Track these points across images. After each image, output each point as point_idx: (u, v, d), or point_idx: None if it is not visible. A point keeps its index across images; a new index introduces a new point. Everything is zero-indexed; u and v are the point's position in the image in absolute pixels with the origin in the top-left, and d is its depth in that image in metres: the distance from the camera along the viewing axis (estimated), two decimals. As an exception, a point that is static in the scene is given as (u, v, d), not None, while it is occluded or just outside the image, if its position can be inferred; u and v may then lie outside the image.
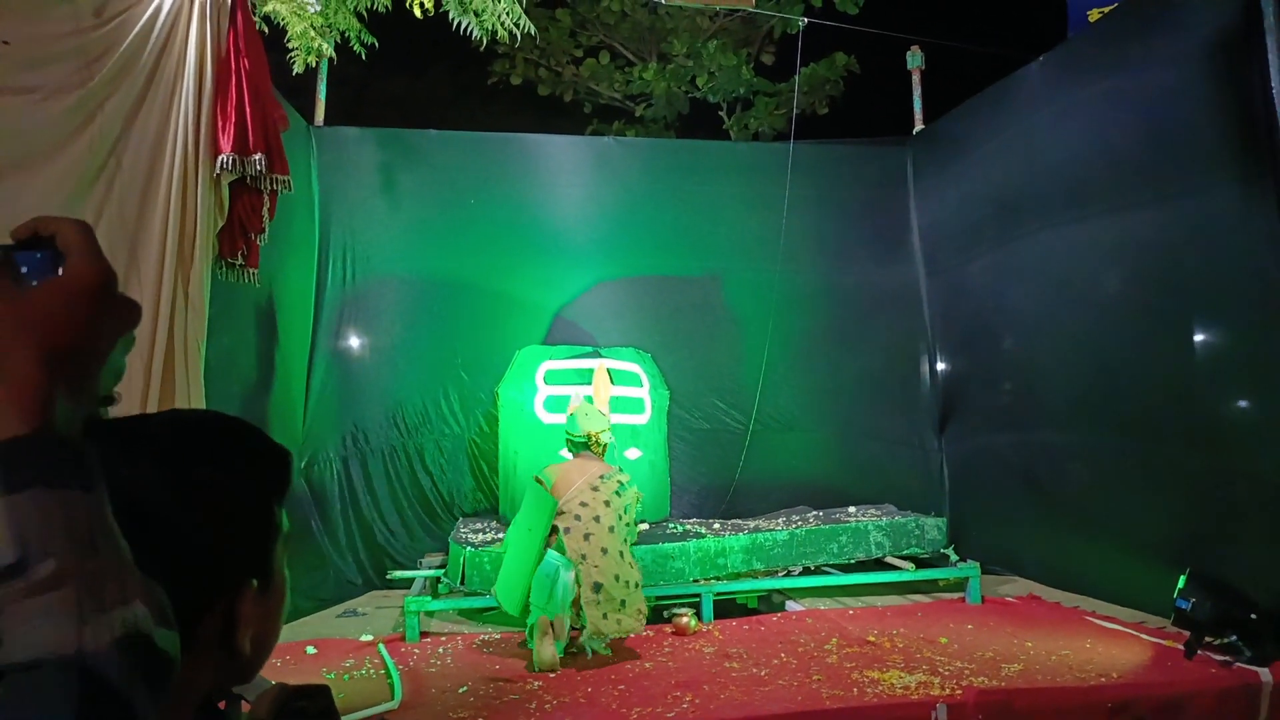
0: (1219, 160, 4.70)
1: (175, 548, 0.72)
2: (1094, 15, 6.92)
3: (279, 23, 5.39)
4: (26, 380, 0.59)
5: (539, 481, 4.63)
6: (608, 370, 6.50)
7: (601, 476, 4.64)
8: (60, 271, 0.64)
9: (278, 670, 4.35)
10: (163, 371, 3.49)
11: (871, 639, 4.71)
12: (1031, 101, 6.20)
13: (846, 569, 5.79)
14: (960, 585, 5.70)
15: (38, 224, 0.65)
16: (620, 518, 4.57)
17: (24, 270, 0.63)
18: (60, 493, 0.58)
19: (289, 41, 5.52)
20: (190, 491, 0.74)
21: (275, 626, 0.83)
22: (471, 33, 5.39)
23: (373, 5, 5.70)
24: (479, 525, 6.01)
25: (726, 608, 5.53)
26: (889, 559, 5.90)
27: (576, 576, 4.38)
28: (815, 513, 6.41)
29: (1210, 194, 4.72)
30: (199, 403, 3.64)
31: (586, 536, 4.45)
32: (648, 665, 4.41)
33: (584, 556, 4.41)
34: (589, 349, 6.73)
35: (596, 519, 4.49)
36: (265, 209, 3.91)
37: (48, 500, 0.57)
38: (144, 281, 3.52)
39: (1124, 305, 5.41)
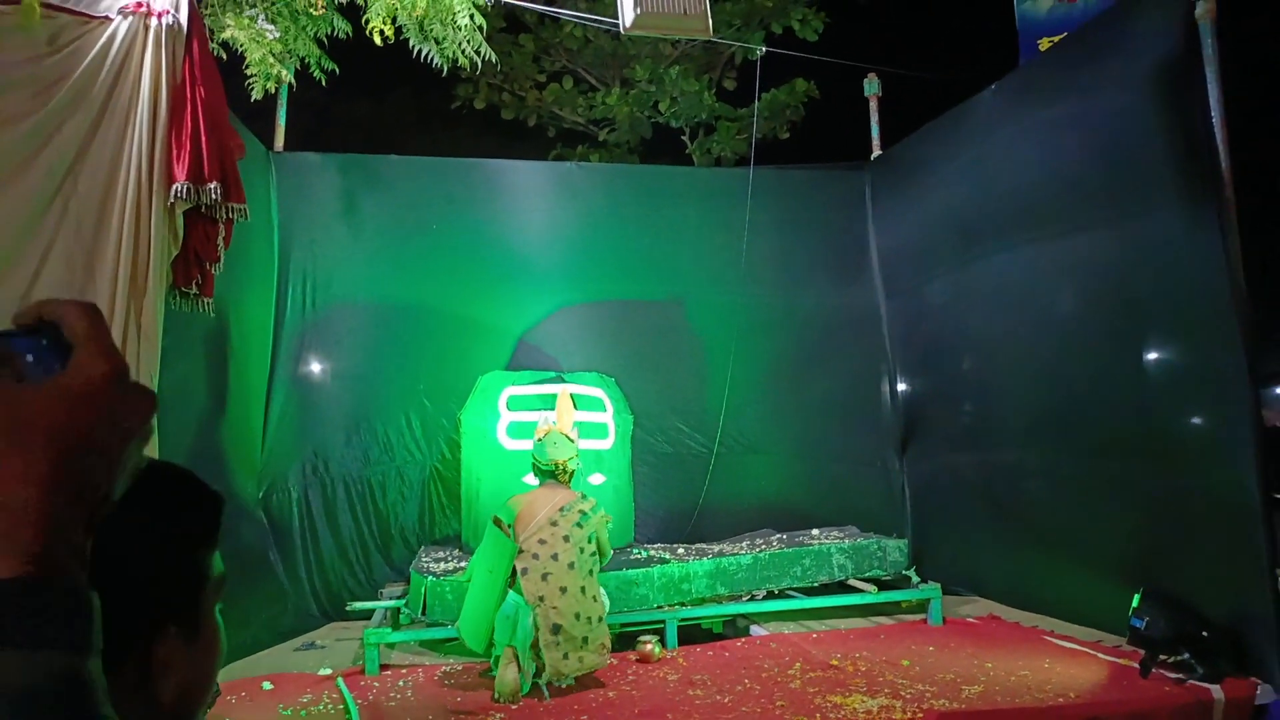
0: (1166, 183, 4.84)
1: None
2: (1044, 44, 7.12)
3: (237, 49, 5.37)
4: (24, 505, 0.51)
5: (498, 523, 4.56)
6: (571, 395, 6.49)
7: (562, 509, 4.58)
8: (66, 366, 0.57)
9: (232, 707, 4.25)
10: (114, 403, 3.41)
11: (835, 663, 4.73)
12: (985, 127, 6.34)
13: (810, 592, 5.81)
14: (922, 606, 5.75)
15: (42, 308, 0.58)
16: (582, 550, 4.53)
17: (29, 359, 0.57)
18: (42, 655, 0.49)
19: (248, 68, 5.50)
20: (107, 538, 0.65)
21: (205, 675, 0.80)
22: (433, 60, 5.40)
23: (333, 31, 5.71)
24: (441, 554, 5.95)
25: (691, 633, 5.52)
26: (852, 581, 5.93)
27: (534, 620, 4.33)
28: (779, 535, 6.43)
29: (1159, 215, 4.85)
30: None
31: (544, 576, 4.40)
32: (611, 694, 4.39)
33: (541, 599, 4.35)
34: (552, 374, 6.72)
35: (554, 557, 4.43)
36: (221, 238, 3.86)
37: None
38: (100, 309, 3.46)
39: (1079, 325, 5.53)
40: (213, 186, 3.66)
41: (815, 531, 6.41)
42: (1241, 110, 4.56)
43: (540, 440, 4.93)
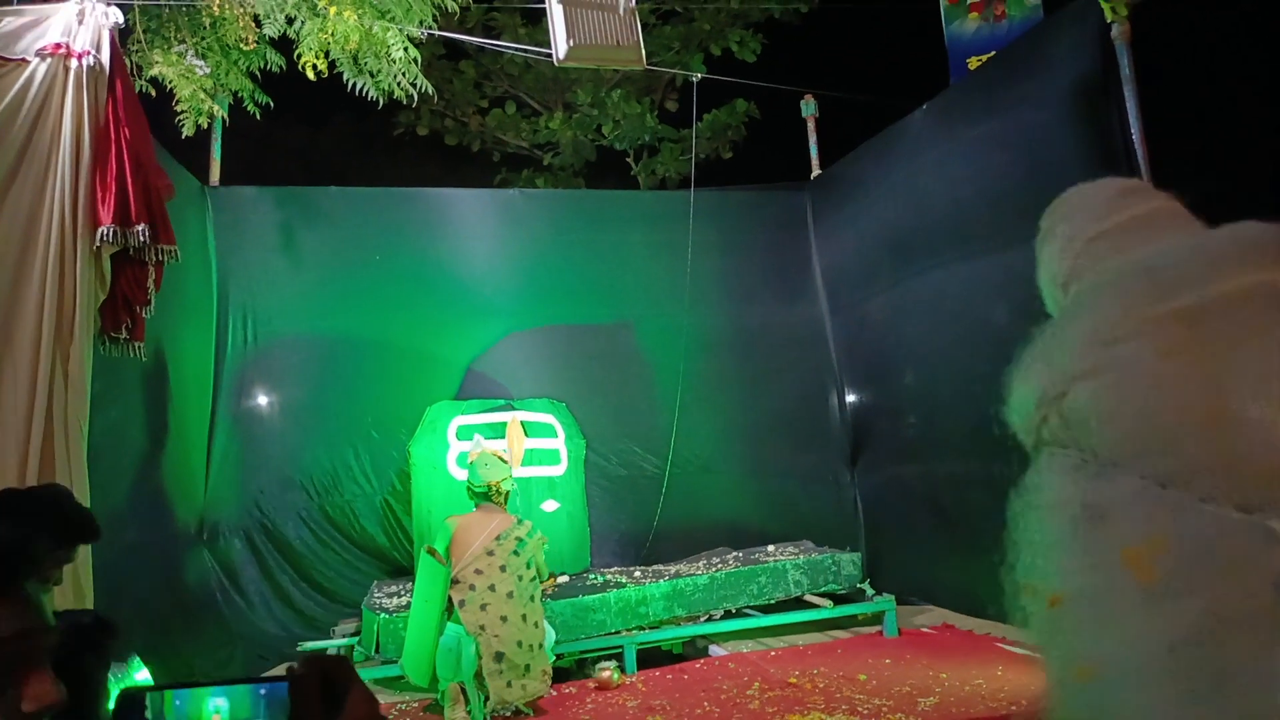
0: (1090, 198, 4.97)
1: None
2: (973, 63, 7.31)
3: (167, 85, 5.28)
4: None
5: (431, 552, 4.50)
6: (521, 422, 6.45)
7: (498, 537, 4.52)
8: (343, 707, 0.85)
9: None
10: (40, 454, 3.32)
11: (793, 680, 4.74)
12: (917, 146, 6.49)
13: (767, 609, 5.83)
14: (878, 618, 5.80)
15: (318, 663, 0.87)
16: (520, 578, 4.48)
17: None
18: None
19: (177, 104, 5.40)
20: None
21: None
22: (368, 93, 5.37)
23: (265, 65, 5.64)
24: (394, 589, 5.85)
25: (651, 654, 5.50)
26: (808, 597, 5.96)
27: (476, 649, 4.28)
28: (735, 553, 6.44)
29: (1085, 230, 4.99)
30: (81, 484, 3.47)
31: (483, 607, 4.34)
32: (569, 725, 4.35)
33: (483, 628, 4.30)
34: (502, 402, 6.68)
35: (492, 588, 4.38)
36: (151, 280, 3.78)
37: None
38: (18, 363, 3.36)
39: (1012, 336, 5.57)
40: (140, 229, 3.59)
41: (770, 548, 6.43)
42: (1160, 127, 4.72)
43: (472, 463, 4.87)
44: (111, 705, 0.91)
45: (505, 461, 4.88)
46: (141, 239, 3.58)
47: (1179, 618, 0.41)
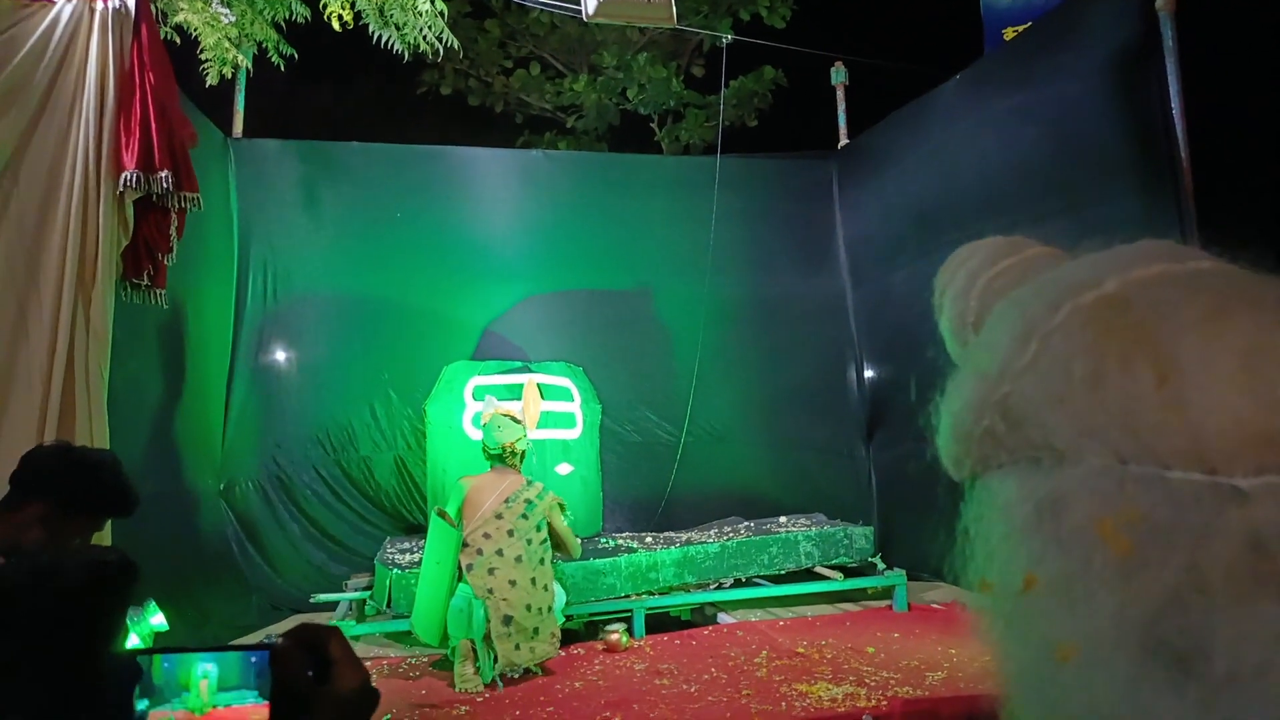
0: (1123, 171, 4.89)
1: None
2: (1009, 33, 7.15)
3: (191, 33, 5.24)
4: None
5: (442, 514, 4.52)
6: (538, 385, 6.45)
7: (507, 500, 4.53)
8: (331, 677, 0.84)
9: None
10: (61, 401, 3.34)
11: (801, 650, 4.75)
12: (949, 117, 6.37)
13: (777, 579, 5.83)
14: (888, 593, 5.79)
15: (304, 633, 0.87)
16: (529, 541, 4.49)
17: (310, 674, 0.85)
18: None
19: (202, 53, 5.37)
20: None
21: None
22: (394, 46, 5.31)
23: (291, 16, 5.58)
24: (406, 545, 5.90)
25: (659, 621, 5.52)
26: (818, 568, 5.96)
27: (485, 612, 4.31)
28: (746, 523, 6.45)
29: (1117, 203, 4.90)
30: (101, 431, 3.49)
31: (491, 571, 4.37)
32: (578, 685, 4.37)
33: (490, 591, 4.33)
34: (519, 364, 6.68)
35: (499, 552, 4.40)
36: (173, 228, 3.77)
37: None
38: (43, 307, 3.37)
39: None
40: (163, 175, 3.58)
41: (783, 519, 6.43)
42: (1200, 100, 4.60)
43: (485, 425, 4.87)
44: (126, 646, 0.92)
45: (519, 422, 4.88)
46: (164, 185, 3.57)
47: (1157, 585, 0.41)
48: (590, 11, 4.33)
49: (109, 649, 1.29)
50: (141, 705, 0.90)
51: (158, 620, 4.32)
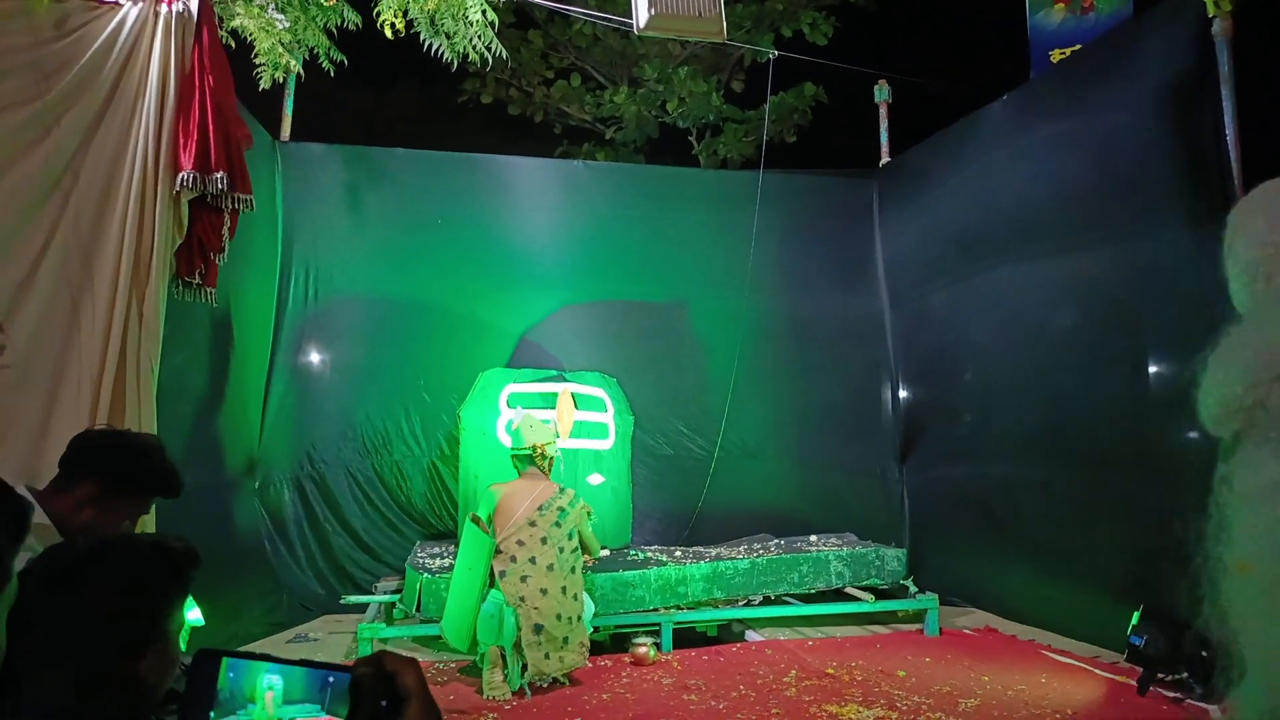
0: (1169, 203, 4.81)
1: None
2: (1056, 56, 7.09)
3: (247, 38, 5.33)
4: None
5: (475, 520, 4.53)
6: (572, 394, 6.47)
7: (540, 508, 4.53)
8: (402, 713, 0.85)
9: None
10: (113, 392, 3.40)
11: (830, 671, 4.71)
12: (992, 140, 6.32)
13: (806, 599, 5.79)
14: (919, 617, 5.73)
15: (384, 660, 0.85)
16: (561, 550, 4.49)
17: (383, 705, 0.85)
18: None
19: (256, 57, 5.46)
20: None
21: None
22: (442, 55, 5.37)
23: (343, 22, 5.67)
24: (436, 550, 5.92)
25: (686, 636, 5.50)
26: (848, 589, 5.90)
27: (516, 619, 4.31)
28: (776, 541, 6.40)
29: (1164, 235, 4.83)
30: (150, 423, 3.55)
31: (524, 579, 4.37)
32: (605, 696, 4.36)
33: (523, 599, 4.33)
34: (553, 373, 6.70)
35: (532, 560, 4.40)
36: (226, 228, 3.83)
37: None
38: (97, 300, 3.43)
39: (1076, 341, 5.51)
40: (219, 176, 3.64)
41: (813, 538, 6.38)
42: (1255, 129, 4.52)
43: (516, 428, 4.89)
44: (185, 651, 0.94)
45: (549, 428, 4.90)
46: (220, 186, 3.63)
47: None
48: (641, 25, 4.35)
49: (166, 630, 1.29)
50: (209, 716, 0.90)
51: (194, 615, 4.37)
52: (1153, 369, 4.97)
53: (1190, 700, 4.09)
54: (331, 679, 0.89)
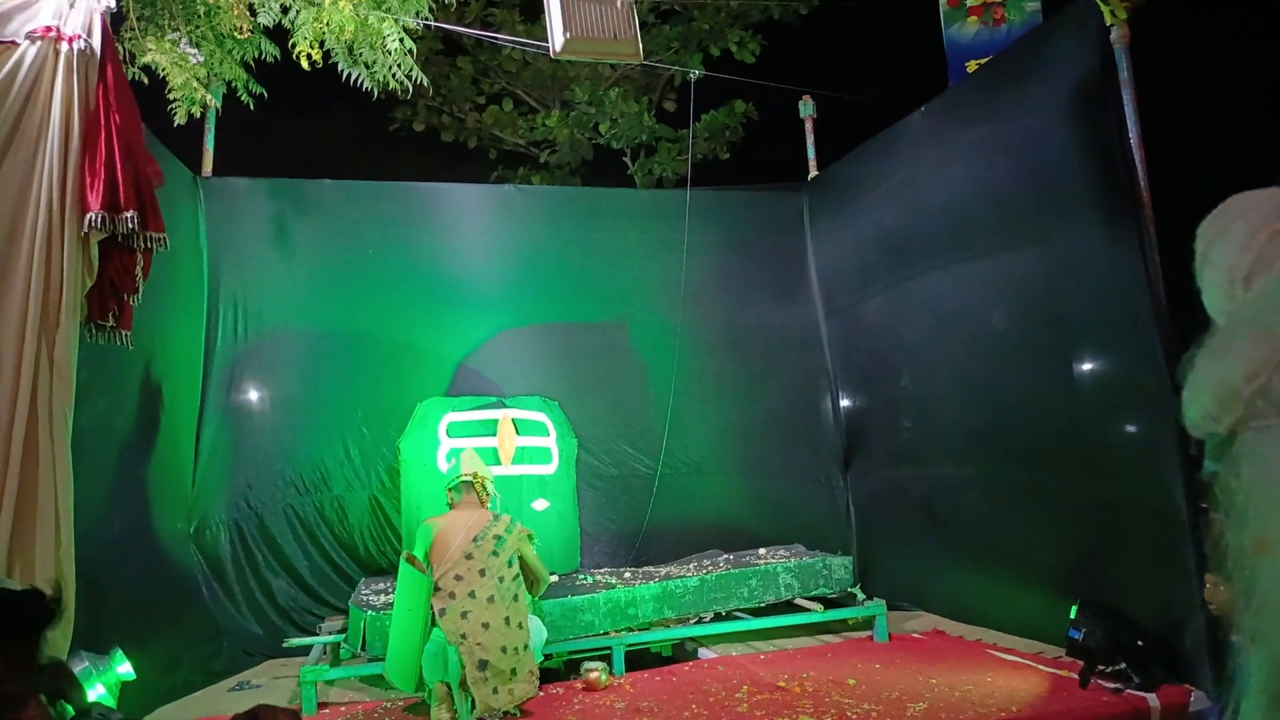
0: (1087, 202, 4.96)
1: None
2: (972, 66, 7.29)
3: (160, 74, 5.22)
4: None
5: (410, 560, 4.42)
6: (513, 420, 6.41)
7: (475, 539, 4.42)
8: None
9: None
10: (24, 442, 3.27)
11: (782, 684, 4.71)
12: (915, 148, 6.46)
13: (757, 613, 5.79)
14: (869, 623, 5.76)
15: (260, 713, 0.86)
16: (501, 579, 4.40)
17: None
18: None
19: (170, 92, 5.35)
20: None
21: None
22: (363, 84, 5.32)
23: (260, 55, 5.58)
24: (381, 585, 5.80)
25: (639, 657, 5.45)
26: (799, 600, 5.93)
27: (460, 658, 4.22)
28: (726, 556, 6.41)
29: (1082, 233, 4.98)
30: (66, 473, 3.42)
31: (464, 615, 4.26)
32: (556, 726, 4.30)
33: (464, 636, 4.21)
34: (493, 399, 6.64)
35: (472, 594, 4.30)
36: (139, 268, 3.72)
37: None
38: (4, 347, 3.31)
39: (1009, 340, 5.63)
40: (129, 215, 3.54)
41: (762, 551, 6.40)
42: (1158, 129, 4.70)
43: (454, 465, 4.83)
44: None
45: (484, 465, 4.84)
46: (130, 225, 3.53)
47: None
48: (558, 48, 4.36)
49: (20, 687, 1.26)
50: None
51: (124, 670, 4.22)
52: (1082, 365, 5.10)
53: (1129, 690, 4.17)
54: None
